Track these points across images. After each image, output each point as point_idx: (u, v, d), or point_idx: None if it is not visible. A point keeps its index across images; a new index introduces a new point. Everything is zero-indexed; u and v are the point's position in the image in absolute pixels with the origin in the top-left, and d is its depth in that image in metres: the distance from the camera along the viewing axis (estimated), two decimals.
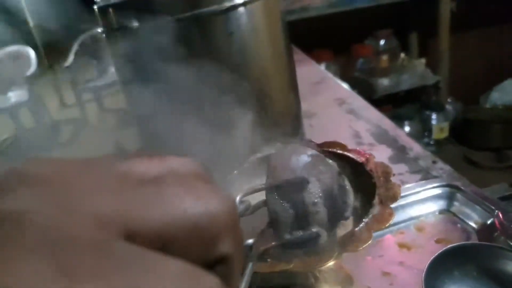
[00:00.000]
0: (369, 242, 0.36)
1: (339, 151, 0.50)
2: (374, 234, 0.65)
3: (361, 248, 0.36)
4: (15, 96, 3.97)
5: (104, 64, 4.37)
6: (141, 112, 0.72)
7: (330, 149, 0.51)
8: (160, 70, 0.58)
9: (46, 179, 0.15)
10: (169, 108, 0.66)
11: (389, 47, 2.66)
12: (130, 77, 0.63)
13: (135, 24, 0.54)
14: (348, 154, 0.49)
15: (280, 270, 0.36)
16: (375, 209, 0.39)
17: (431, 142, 2.76)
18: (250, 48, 0.59)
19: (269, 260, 0.37)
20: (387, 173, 0.43)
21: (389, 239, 0.64)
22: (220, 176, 0.57)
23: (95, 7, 0.58)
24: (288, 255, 0.37)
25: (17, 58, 3.95)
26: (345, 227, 0.42)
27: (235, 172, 0.56)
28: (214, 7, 0.53)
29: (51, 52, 4.50)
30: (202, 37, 0.56)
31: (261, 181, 0.51)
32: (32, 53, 4.03)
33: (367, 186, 0.43)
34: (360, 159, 0.47)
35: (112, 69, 4.29)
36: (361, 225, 0.38)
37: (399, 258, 0.59)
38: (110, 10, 0.57)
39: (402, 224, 0.65)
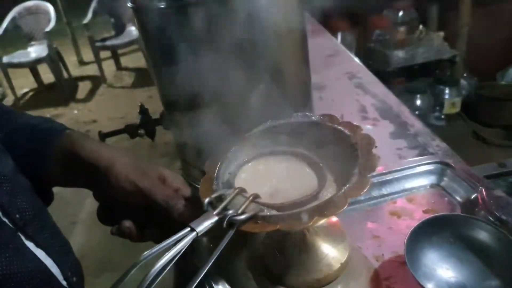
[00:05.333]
0: (345, 207, 0.41)
1: (328, 124, 0.55)
2: (369, 203, 0.72)
3: (337, 213, 0.41)
4: (34, 51, 4.03)
5: (122, 23, 4.34)
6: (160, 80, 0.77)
7: (322, 122, 0.56)
8: (183, 46, 0.63)
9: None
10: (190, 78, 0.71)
11: (407, 19, 2.62)
12: (156, 51, 0.68)
13: (161, 4, 0.58)
14: (338, 127, 0.53)
15: (269, 231, 0.42)
16: (354, 179, 0.44)
17: (442, 117, 2.77)
18: (267, 27, 0.64)
19: (259, 222, 0.43)
20: (369, 145, 0.48)
21: (382, 207, 0.71)
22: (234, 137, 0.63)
23: None
24: (275, 218, 0.43)
25: (36, 13, 3.98)
26: (326, 194, 0.48)
27: (243, 137, 0.62)
28: None
29: (70, 8, 4.48)
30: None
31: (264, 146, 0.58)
32: (51, 8, 4.04)
33: (351, 157, 0.48)
34: (348, 132, 0.52)
35: (129, 28, 4.26)
36: (339, 193, 0.43)
37: (389, 224, 0.67)
38: None
39: (396, 195, 0.72)
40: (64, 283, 0.45)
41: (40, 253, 0.43)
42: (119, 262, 1.96)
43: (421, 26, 2.73)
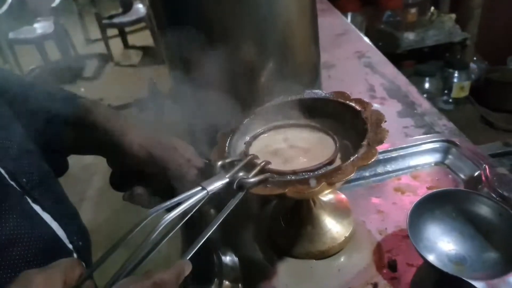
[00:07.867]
0: (352, 174, 0.42)
1: (340, 100, 0.56)
2: (374, 179, 0.73)
3: (344, 179, 0.43)
4: (41, 27, 4.01)
5: (129, 0, 4.27)
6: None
7: (333, 98, 0.58)
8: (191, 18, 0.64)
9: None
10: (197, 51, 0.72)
11: (419, 0, 2.57)
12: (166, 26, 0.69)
13: None
14: (349, 103, 0.55)
15: (277, 194, 0.43)
16: (362, 150, 0.46)
17: (450, 100, 2.74)
18: (277, 2, 0.64)
19: (268, 185, 0.45)
20: (379, 120, 0.49)
21: (387, 184, 0.72)
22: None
23: None
24: (283, 183, 0.45)
25: None
26: (335, 163, 0.49)
27: (255, 110, 0.63)
28: None
29: None
30: None
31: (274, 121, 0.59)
32: None
33: (361, 130, 0.49)
34: (359, 107, 0.54)
35: (137, 5, 4.20)
36: (347, 161, 0.45)
37: (393, 200, 0.68)
38: None
39: (400, 172, 0.73)
40: (70, 246, 0.46)
41: (46, 217, 0.44)
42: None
43: (432, 8, 2.68)
